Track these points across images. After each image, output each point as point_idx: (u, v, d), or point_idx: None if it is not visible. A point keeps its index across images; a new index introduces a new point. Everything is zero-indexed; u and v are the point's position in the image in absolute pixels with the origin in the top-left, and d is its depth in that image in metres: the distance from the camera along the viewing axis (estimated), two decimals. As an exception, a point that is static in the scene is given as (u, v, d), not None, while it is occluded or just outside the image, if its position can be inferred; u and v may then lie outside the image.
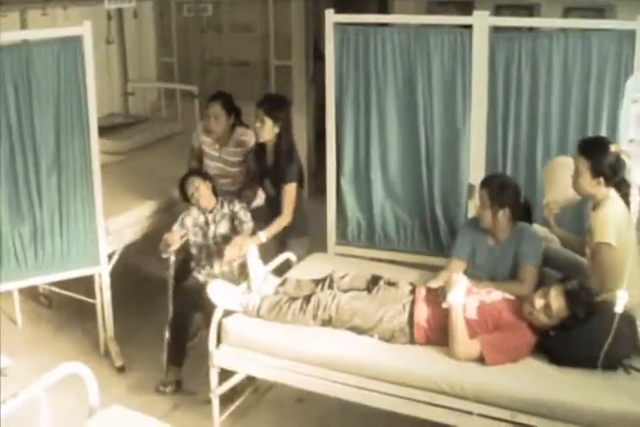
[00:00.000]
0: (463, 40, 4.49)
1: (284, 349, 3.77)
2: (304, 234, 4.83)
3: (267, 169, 4.82)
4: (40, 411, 2.97)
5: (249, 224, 4.67)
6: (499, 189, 4.02)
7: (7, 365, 4.88)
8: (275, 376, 3.88)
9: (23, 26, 6.22)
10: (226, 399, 4.18)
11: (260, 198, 5.11)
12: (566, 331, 3.44)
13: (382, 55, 4.70)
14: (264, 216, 4.86)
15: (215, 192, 4.80)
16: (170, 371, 4.64)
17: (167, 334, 4.60)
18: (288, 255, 4.52)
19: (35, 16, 6.31)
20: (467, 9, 5.13)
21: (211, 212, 4.74)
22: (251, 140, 5.11)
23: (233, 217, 4.72)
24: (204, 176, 4.84)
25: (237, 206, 4.74)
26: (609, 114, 4.31)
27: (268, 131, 4.66)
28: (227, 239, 4.61)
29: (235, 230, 4.68)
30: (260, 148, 4.84)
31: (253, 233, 4.58)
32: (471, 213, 4.54)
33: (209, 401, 4.12)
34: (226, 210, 4.74)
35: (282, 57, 7.78)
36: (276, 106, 4.70)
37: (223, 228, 4.72)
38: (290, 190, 4.67)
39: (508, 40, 4.43)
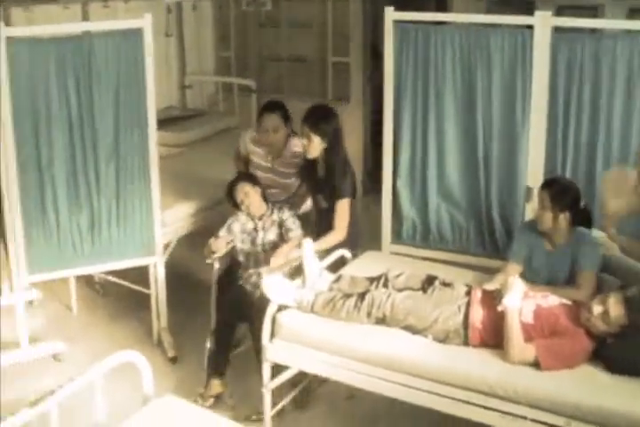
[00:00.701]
0: (524, 41, 4.43)
1: (338, 345, 3.78)
2: (355, 247, 4.68)
3: (318, 183, 4.66)
4: (95, 397, 3.06)
5: (296, 232, 4.59)
6: (561, 191, 3.97)
7: (62, 350, 4.99)
8: (327, 372, 3.89)
9: (85, 18, 6.33)
10: (277, 394, 4.16)
11: (307, 204, 5.01)
12: (624, 339, 3.41)
13: (442, 54, 4.65)
14: (311, 225, 4.79)
15: (265, 197, 4.70)
16: (211, 383, 4.48)
17: (209, 344, 4.52)
18: (342, 252, 4.50)
19: (96, 8, 6.44)
20: (527, 9, 5.07)
21: (260, 219, 4.66)
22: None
23: (281, 224, 4.64)
24: (254, 181, 4.71)
25: (287, 214, 4.66)
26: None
27: (316, 148, 4.50)
28: (276, 246, 4.56)
29: (282, 238, 4.61)
30: (310, 163, 4.66)
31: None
32: (528, 215, 4.50)
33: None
34: (275, 217, 4.65)
35: (339, 54, 7.75)
36: (321, 119, 4.50)
37: (272, 235, 4.65)
38: (343, 206, 4.51)
39: (570, 41, 4.35)
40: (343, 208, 4.51)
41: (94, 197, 4.85)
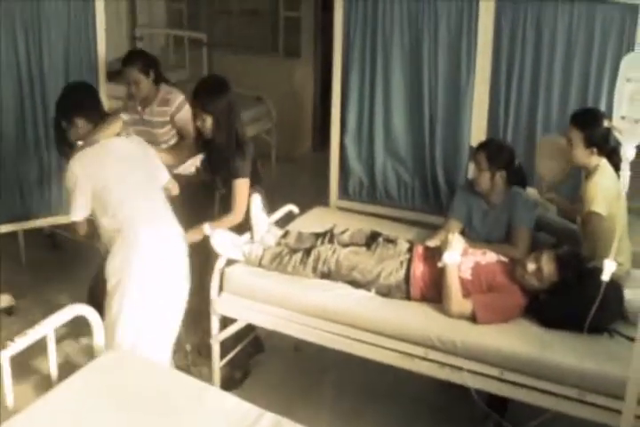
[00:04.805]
0: (471, 5, 4.52)
1: (284, 299, 3.88)
2: None
3: (215, 164, 4.31)
4: (48, 350, 3.09)
5: None
6: (496, 151, 4.11)
7: (12, 304, 5.01)
8: (273, 325, 3.97)
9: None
10: (225, 347, 4.22)
11: (191, 166, 4.51)
12: (556, 295, 3.55)
13: (390, 12, 4.75)
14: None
15: None
16: None
17: None
18: (291, 208, 4.55)
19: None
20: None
21: None
22: (176, 97, 4.78)
23: None
24: None
25: None
26: (609, 87, 4.30)
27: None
28: None
29: None
30: (207, 143, 4.32)
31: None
32: (470, 175, 4.61)
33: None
34: None
35: (291, 8, 7.72)
36: (213, 95, 4.13)
37: None
38: (239, 187, 4.17)
39: (513, 8, 4.44)
40: (240, 189, 4.19)
41: (44, 150, 4.84)
